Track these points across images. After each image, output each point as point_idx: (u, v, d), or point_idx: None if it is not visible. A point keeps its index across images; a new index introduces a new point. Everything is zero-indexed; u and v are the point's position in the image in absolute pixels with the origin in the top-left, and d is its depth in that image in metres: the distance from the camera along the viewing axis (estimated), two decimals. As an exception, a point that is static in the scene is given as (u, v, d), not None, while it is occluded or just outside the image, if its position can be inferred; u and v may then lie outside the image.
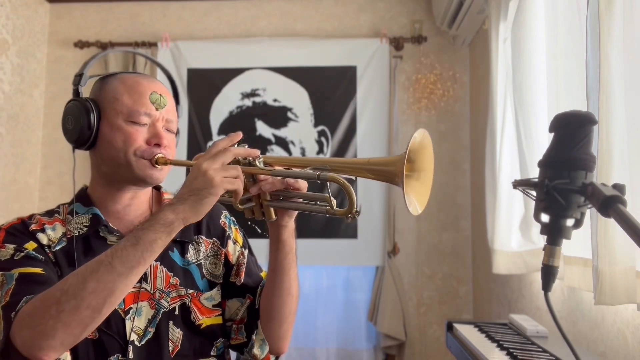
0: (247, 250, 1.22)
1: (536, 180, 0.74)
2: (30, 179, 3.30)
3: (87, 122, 1.04)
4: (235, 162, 0.96)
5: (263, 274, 1.22)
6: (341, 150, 3.24)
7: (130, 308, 1.04)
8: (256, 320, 1.15)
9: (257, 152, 0.97)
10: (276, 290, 1.09)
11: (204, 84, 3.30)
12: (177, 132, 1.14)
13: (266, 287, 1.12)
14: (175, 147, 1.12)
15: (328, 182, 0.91)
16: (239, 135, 0.97)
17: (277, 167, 0.98)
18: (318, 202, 0.96)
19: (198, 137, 3.27)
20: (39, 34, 3.38)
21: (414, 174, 0.89)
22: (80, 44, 3.37)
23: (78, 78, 1.09)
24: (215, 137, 3.28)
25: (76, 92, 1.09)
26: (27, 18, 3.25)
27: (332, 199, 0.92)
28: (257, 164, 0.97)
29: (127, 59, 3.30)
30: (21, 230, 1.03)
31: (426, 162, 0.90)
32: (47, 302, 0.88)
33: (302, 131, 3.26)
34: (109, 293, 0.88)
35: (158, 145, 1.05)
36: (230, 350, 1.19)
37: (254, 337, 1.14)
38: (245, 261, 1.20)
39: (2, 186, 3.02)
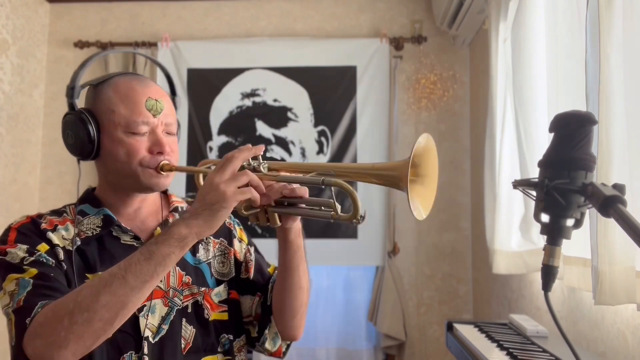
0: (252, 248, 1.24)
1: (536, 180, 0.74)
2: (30, 179, 3.30)
3: (87, 136, 1.03)
4: (241, 169, 0.96)
5: (271, 269, 1.24)
6: (341, 150, 3.24)
7: (144, 306, 1.04)
8: (268, 315, 1.17)
9: (262, 147, 0.98)
10: (287, 285, 1.10)
11: (204, 84, 3.30)
12: (179, 127, 1.14)
13: (277, 283, 1.14)
14: (178, 142, 1.12)
15: (332, 188, 0.91)
16: (248, 147, 0.97)
17: (281, 173, 0.98)
18: (323, 208, 0.96)
19: (198, 137, 3.27)
20: (39, 34, 3.38)
21: (419, 178, 0.89)
22: (80, 44, 3.37)
23: (71, 91, 1.07)
24: (215, 137, 3.28)
25: (71, 106, 1.07)
26: (27, 18, 3.25)
27: (337, 204, 0.92)
28: (262, 169, 0.97)
29: (127, 58, 3.30)
30: (33, 230, 1.03)
31: (430, 167, 0.90)
32: (59, 313, 0.88)
33: (302, 131, 3.26)
34: (121, 306, 0.88)
35: (161, 152, 1.05)
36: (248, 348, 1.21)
37: (266, 331, 1.16)
38: (252, 258, 1.22)
39: (2, 186, 3.02)
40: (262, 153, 0.98)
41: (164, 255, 0.90)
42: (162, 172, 1.05)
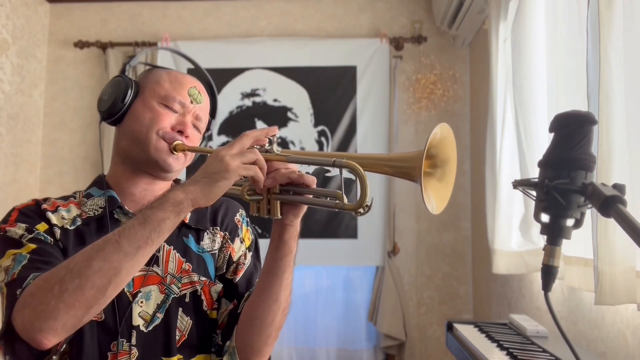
0: (250, 253, 1.19)
1: (536, 180, 0.74)
2: (30, 179, 3.30)
3: (122, 97, 1.07)
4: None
5: None
6: (341, 150, 3.23)
7: (139, 292, 1.02)
8: (234, 326, 1.08)
9: (275, 128, 0.96)
10: (263, 293, 1.02)
11: (204, 84, 3.29)
12: (203, 137, 1.15)
13: (254, 290, 1.07)
14: (199, 145, 1.13)
15: (342, 177, 0.89)
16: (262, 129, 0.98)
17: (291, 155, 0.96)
18: (329, 198, 0.93)
19: (198, 137, 3.26)
20: (39, 34, 3.38)
21: (436, 170, 0.86)
22: (80, 44, 3.37)
23: (129, 58, 1.16)
24: (215, 137, 3.28)
25: (123, 70, 1.12)
26: (27, 18, 3.25)
27: (343, 195, 0.89)
28: (274, 149, 0.95)
29: (125, 59, 3.29)
30: (34, 211, 1.03)
31: (448, 159, 0.87)
32: (50, 281, 0.85)
33: (302, 131, 3.26)
34: (114, 273, 0.85)
35: (181, 132, 1.07)
36: None
37: (228, 343, 1.08)
38: (246, 262, 1.16)
39: (2, 186, 3.02)
40: (276, 134, 0.96)
41: (159, 220, 0.87)
42: (174, 152, 1.06)
